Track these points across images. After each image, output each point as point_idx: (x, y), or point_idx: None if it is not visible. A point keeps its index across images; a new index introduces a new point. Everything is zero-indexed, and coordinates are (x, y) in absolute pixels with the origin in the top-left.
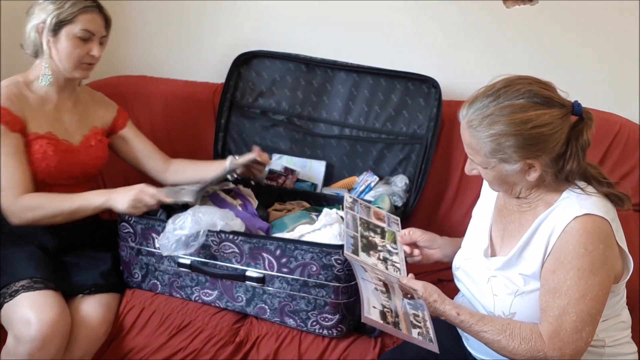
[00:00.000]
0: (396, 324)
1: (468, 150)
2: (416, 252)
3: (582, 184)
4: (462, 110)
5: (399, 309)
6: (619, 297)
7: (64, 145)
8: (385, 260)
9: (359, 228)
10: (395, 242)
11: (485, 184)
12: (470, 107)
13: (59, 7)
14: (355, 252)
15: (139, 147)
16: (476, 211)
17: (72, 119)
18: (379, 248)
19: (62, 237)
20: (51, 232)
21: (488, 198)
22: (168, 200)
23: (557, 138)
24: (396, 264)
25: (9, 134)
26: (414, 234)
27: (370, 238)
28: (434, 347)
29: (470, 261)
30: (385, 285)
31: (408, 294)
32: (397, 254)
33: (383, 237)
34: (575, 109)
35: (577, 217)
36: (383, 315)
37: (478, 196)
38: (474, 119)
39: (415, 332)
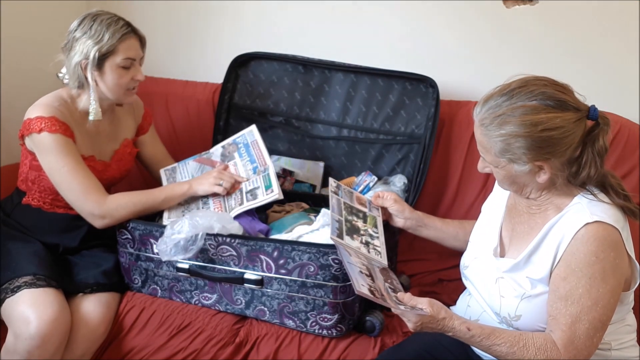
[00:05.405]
0: (384, 299)
1: (480, 148)
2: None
3: (595, 190)
4: (476, 107)
5: (382, 290)
6: (627, 303)
7: (100, 165)
8: (367, 244)
9: (343, 212)
10: (376, 226)
11: None
12: (484, 105)
13: (98, 40)
14: (340, 235)
15: (153, 152)
16: (486, 207)
17: (107, 136)
18: (362, 232)
19: (66, 237)
20: (56, 231)
21: (500, 195)
22: (244, 180)
23: (568, 142)
24: (377, 248)
25: (67, 140)
26: (386, 201)
27: (353, 222)
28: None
29: (479, 260)
30: (368, 269)
31: (388, 279)
32: (378, 237)
33: (365, 221)
34: (591, 113)
35: (587, 223)
36: (371, 292)
37: (477, 196)
38: (486, 117)
39: (402, 307)
